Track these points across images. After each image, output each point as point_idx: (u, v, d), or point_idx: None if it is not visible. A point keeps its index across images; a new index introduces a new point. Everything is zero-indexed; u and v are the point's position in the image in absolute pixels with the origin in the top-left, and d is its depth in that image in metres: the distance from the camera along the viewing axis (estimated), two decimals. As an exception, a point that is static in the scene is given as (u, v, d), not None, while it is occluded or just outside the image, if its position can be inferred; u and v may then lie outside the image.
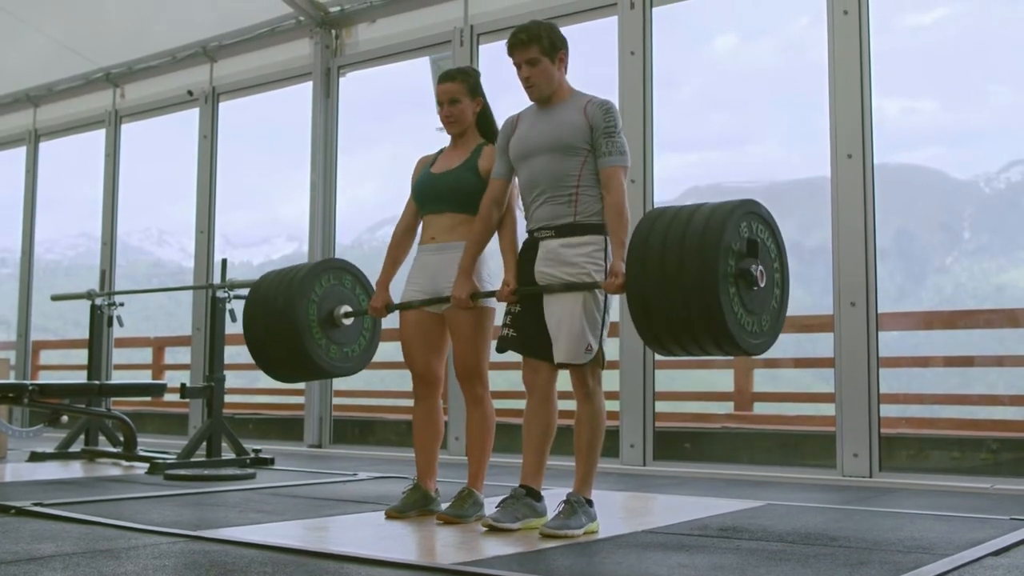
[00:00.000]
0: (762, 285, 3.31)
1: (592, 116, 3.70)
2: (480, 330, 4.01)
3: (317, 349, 4.32)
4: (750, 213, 3.38)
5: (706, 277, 3.17)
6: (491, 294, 3.90)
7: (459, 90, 4.12)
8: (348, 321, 4.43)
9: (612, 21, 6.48)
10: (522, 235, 3.95)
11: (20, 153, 10.29)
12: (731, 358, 8.19)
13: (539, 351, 3.75)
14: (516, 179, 3.94)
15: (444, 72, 4.21)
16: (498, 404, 4.17)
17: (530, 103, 3.90)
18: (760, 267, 3.31)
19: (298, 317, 4.25)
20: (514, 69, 3.85)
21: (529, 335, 3.77)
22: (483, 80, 4.22)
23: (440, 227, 4.09)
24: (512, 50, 3.81)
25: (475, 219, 3.96)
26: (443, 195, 4.09)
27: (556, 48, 3.78)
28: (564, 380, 3.83)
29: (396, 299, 4.20)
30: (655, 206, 6.22)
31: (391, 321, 4.35)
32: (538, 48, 3.75)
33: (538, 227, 3.78)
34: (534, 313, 3.75)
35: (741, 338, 3.23)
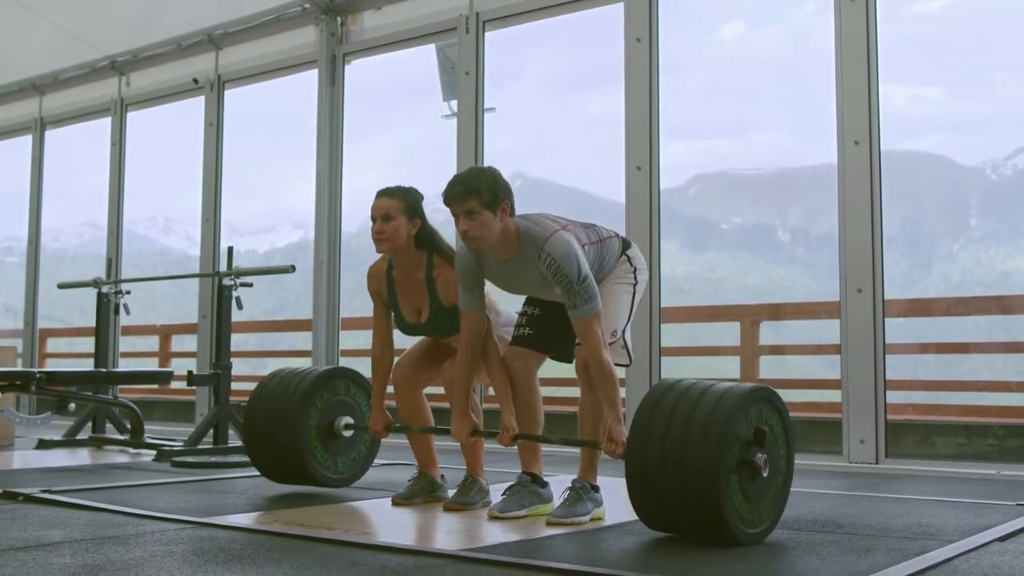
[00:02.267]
0: (764, 474, 3.21)
1: (547, 274, 3.52)
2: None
3: (315, 464, 4.34)
4: (761, 400, 3.29)
5: (709, 463, 3.05)
6: (492, 435, 3.79)
7: (395, 207, 3.87)
8: (348, 433, 4.43)
9: (618, 8, 6.46)
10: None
11: (26, 141, 10.29)
12: (738, 344, 8.24)
13: (552, 350, 3.79)
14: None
15: (382, 189, 3.97)
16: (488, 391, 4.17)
17: None
18: (764, 456, 3.21)
19: (297, 427, 4.25)
20: (520, 66, 3.79)
21: (546, 335, 3.79)
22: (488, 68, 4.16)
23: (449, 339, 4.05)
24: (449, 202, 3.57)
25: (459, 352, 3.79)
26: (434, 335, 4.07)
27: (498, 200, 3.51)
28: (566, 367, 3.84)
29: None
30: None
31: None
32: (477, 200, 3.49)
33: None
34: (552, 316, 3.76)
35: (737, 528, 3.10)
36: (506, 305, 4.05)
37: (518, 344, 3.82)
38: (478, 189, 3.50)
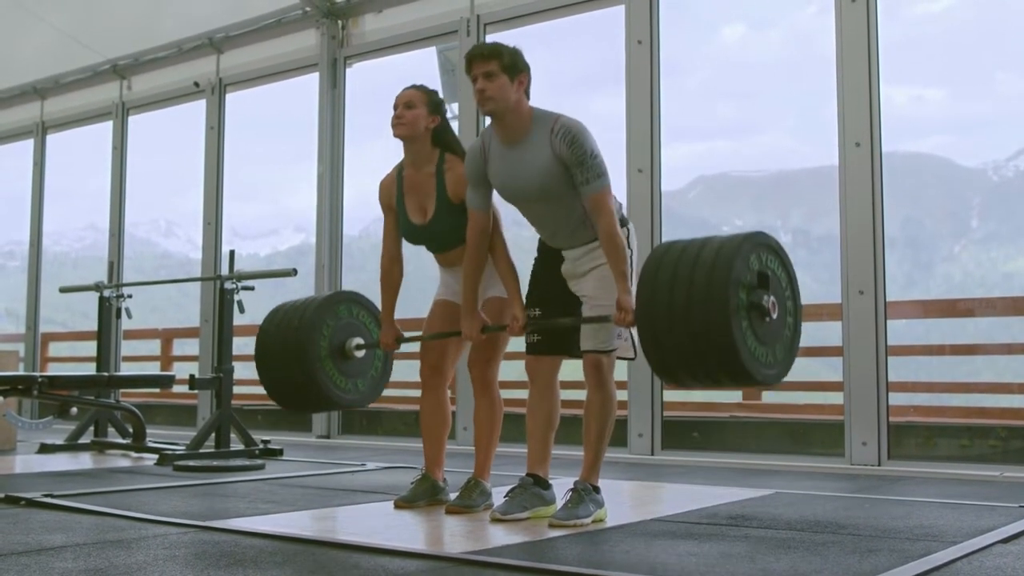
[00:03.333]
0: (774, 316, 3.27)
1: (559, 150, 3.57)
2: (503, 321, 4.00)
3: (327, 379, 4.32)
4: (759, 245, 3.34)
5: (717, 312, 3.13)
6: (502, 328, 3.85)
7: (419, 98, 4.00)
8: (360, 353, 4.42)
9: (619, 10, 6.46)
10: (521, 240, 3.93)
11: (28, 145, 10.31)
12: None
13: (566, 349, 3.78)
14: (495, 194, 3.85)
15: (411, 84, 4.09)
16: (506, 394, 4.17)
17: (490, 125, 3.75)
18: (772, 298, 3.28)
19: (309, 351, 4.24)
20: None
21: (555, 336, 3.78)
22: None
23: (450, 257, 4.10)
24: (470, 62, 3.65)
25: (466, 252, 3.86)
26: (436, 241, 4.09)
27: (517, 69, 3.63)
28: (569, 369, 3.84)
29: (424, 297, 4.19)
30: (661, 196, 6.22)
31: (409, 310, 4.32)
32: (497, 63, 3.60)
33: (557, 245, 3.78)
34: (556, 315, 3.76)
35: (756, 371, 3.19)
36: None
37: (531, 353, 3.82)
38: (500, 53, 3.62)
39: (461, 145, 4.08)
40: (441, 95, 4.12)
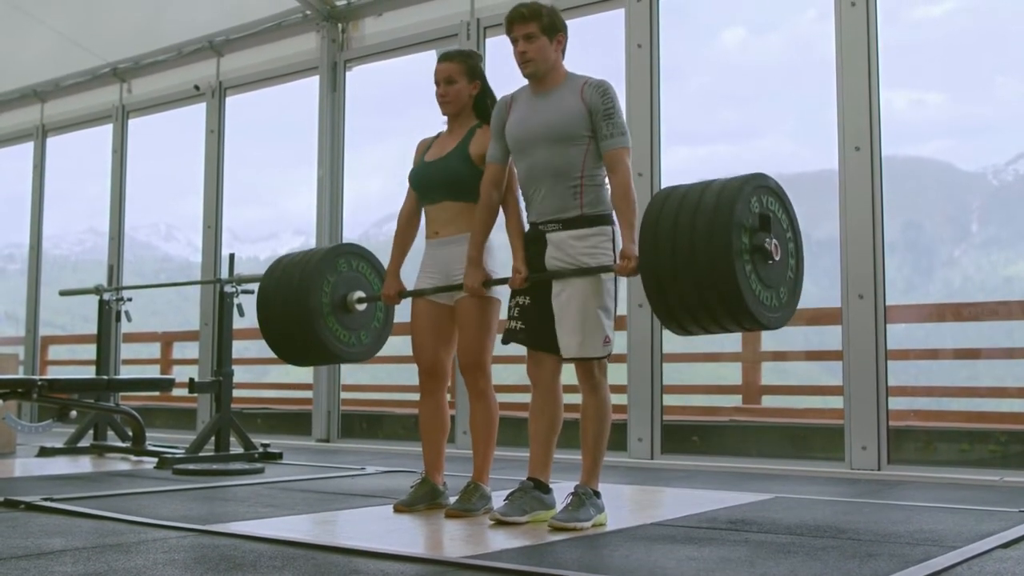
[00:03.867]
0: (777, 258, 3.29)
1: (590, 99, 3.66)
2: (485, 321, 4.00)
3: (328, 334, 4.32)
4: (760, 187, 3.35)
5: (720, 255, 3.16)
6: (504, 281, 3.87)
7: (456, 70, 4.09)
8: (362, 307, 4.42)
9: (619, 14, 6.47)
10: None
11: (28, 149, 10.31)
12: (739, 350, 8.22)
13: (546, 343, 3.74)
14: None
15: (444, 53, 4.19)
16: (506, 398, 4.17)
17: (524, 84, 3.85)
18: (774, 240, 3.30)
19: (311, 301, 4.25)
20: (518, 74, 3.81)
21: (536, 328, 3.76)
22: (488, 74, 4.20)
23: (440, 220, 4.09)
24: (511, 24, 3.76)
25: (476, 207, 3.93)
26: (435, 184, 4.10)
27: (556, 29, 3.75)
28: (569, 372, 3.84)
29: (409, 286, 4.20)
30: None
31: (402, 314, 4.34)
32: (537, 24, 3.70)
33: (543, 220, 3.75)
34: (541, 306, 3.74)
35: (760, 313, 3.23)
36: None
37: (508, 338, 3.83)
38: (539, 13, 3.71)
39: None
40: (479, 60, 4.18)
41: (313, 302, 4.26)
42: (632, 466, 5.95)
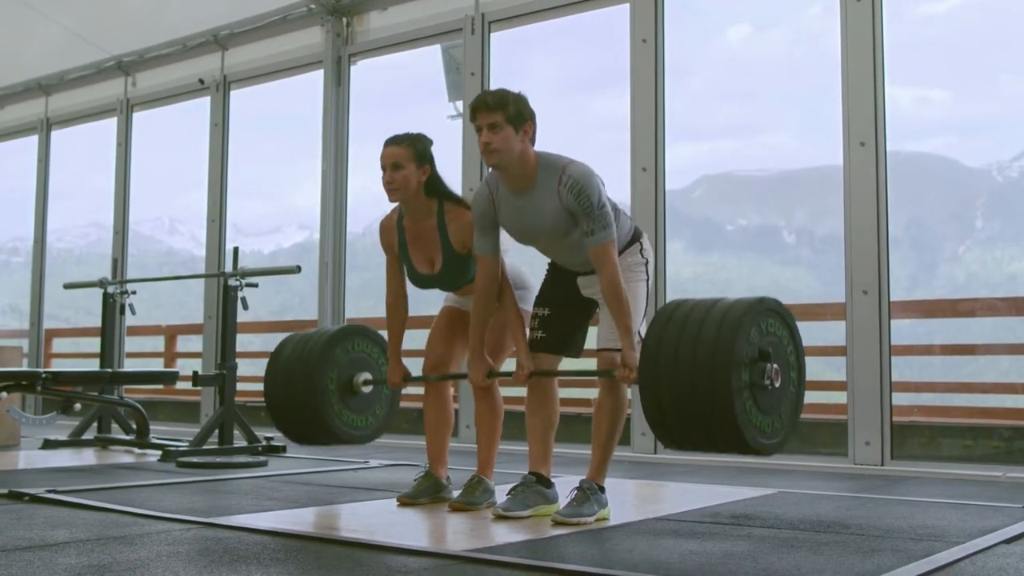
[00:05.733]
0: (777, 385, 3.32)
1: (566, 201, 3.56)
2: (504, 335, 4.01)
3: (334, 418, 4.35)
4: (764, 311, 3.38)
5: (720, 398, 3.19)
6: (507, 375, 3.85)
7: (404, 155, 3.88)
8: (367, 389, 4.44)
9: (624, 9, 6.46)
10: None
11: (32, 142, 10.31)
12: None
13: (558, 347, 3.80)
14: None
15: (390, 137, 3.98)
16: (509, 392, 4.18)
17: (494, 173, 3.70)
18: (775, 366, 3.32)
19: (317, 386, 4.27)
20: (525, 67, 3.81)
21: (560, 336, 3.81)
22: (493, 71, 4.17)
23: (463, 291, 4.11)
24: (475, 112, 3.60)
25: (474, 297, 3.85)
26: (447, 286, 4.11)
27: (523, 118, 3.57)
28: (568, 366, 3.84)
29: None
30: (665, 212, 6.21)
31: (416, 309, 4.33)
32: (503, 114, 3.54)
33: (567, 268, 3.82)
34: (563, 316, 3.80)
35: (758, 444, 3.28)
36: (518, 260, 4.07)
37: (534, 350, 3.82)
38: (505, 103, 3.56)
39: (453, 191, 4.03)
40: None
41: (319, 385, 4.27)
42: (636, 460, 5.95)
